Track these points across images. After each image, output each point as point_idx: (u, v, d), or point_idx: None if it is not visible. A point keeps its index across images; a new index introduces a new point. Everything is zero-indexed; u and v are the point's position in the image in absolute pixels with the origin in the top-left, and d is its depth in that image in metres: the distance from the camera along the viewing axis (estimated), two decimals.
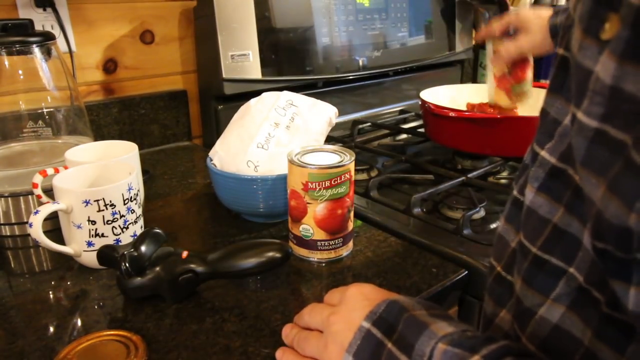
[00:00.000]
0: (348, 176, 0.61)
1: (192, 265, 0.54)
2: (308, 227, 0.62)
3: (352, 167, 0.62)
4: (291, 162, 0.61)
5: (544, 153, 0.35)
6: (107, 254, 0.54)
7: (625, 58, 0.25)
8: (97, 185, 0.64)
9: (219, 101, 1.04)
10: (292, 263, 0.64)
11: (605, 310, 0.30)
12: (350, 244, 0.66)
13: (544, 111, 0.36)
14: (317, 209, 0.61)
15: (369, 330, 0.38)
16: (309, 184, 0.60)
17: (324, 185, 0.60)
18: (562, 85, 0.34)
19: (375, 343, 0.37)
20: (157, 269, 0.54)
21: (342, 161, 0.61)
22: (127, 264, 0.52)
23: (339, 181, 0.60)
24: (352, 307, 0.40)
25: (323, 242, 0.63)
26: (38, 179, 0.65)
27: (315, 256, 0.63)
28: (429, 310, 0.38)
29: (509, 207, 0.40)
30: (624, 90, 0.25)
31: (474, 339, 0.34)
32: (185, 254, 0.55)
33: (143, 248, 0.53)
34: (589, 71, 0.28)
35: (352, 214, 0.64)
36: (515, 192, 0.40)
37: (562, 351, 0.33)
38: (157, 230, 0.55)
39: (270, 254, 0.56)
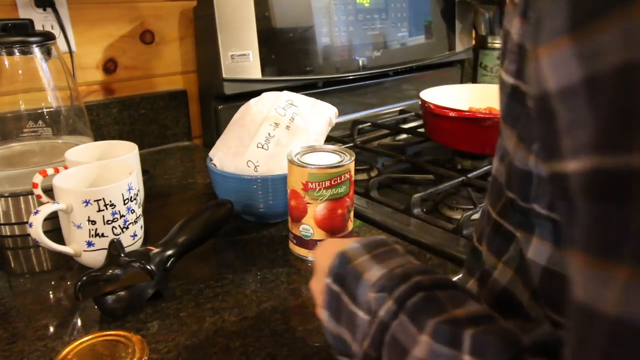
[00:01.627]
0: (348, 176, 0.61)
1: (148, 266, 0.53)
2: (308, 227, 0.62)
3: (352, 167, 0.62)
4: (291, 162, 0.61)
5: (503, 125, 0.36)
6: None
7: (524, 17, 0.28)
8: (97, 185, 0.64)
9: (219, 101, 1.04)
10: (293, 263, 0.64)
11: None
12: None
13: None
14: (317, 209, 0.61)
15: (328, 285, 0.38)
16: (309, 183, 0.60)
17: (324, 185, 0.60)
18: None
19: (335, 295, 0.38)
20: (125, 290, 0.52)
21: (342, 161, 0.61)
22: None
23: (338, 181, 0.60)
24: (320, 268, 0.41)
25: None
26: (38, 179, 0.65)
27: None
28: (371, 253, 0.38)
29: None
30: (525, 47, 0.28)
31: (392, 279, 0.34)
32: (136, 265, 0.53)
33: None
34: (507, 32, 0.31)
35: (352, 214, 0.64)
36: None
37: (506, 312, 0.33)
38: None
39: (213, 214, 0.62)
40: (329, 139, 0.98)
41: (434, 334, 0.29)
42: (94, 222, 0.59)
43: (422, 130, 1.11)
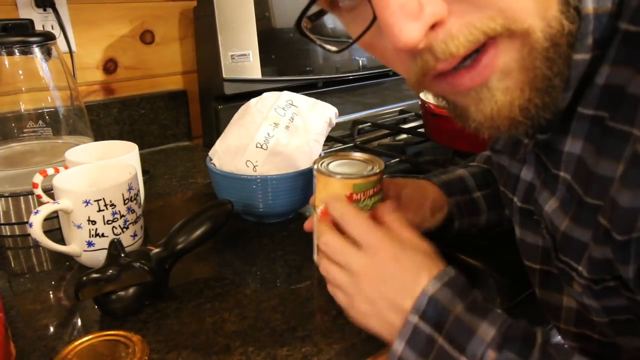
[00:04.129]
0: (381, 185, 0.56)
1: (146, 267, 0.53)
2: None
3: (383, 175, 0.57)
4: (328, 174, 0.53)
5: None
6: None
7: None
8: (97, 185, 0.64)
9: (219, 101, 1.04)
10: (292, 263, 0.64)
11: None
12: None
13: None
14: None
15: (417, 325, 0.41)
16: (354, 195, 0.53)
17: (368, 194, 0.54)
18: None
19: (429, 339, 0.41)
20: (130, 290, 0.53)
21: (373, 168, 0.55)
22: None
23: (379, 188, 0.55)
24: (381, 285, 0.44)
25: None
26: (38, 179, 0.65)
27: None
28: (464, 302, 0.41)
29: None
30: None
31: (508, 341, 0.38)
32: (136, 265, 0.53)
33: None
34: None
35: None
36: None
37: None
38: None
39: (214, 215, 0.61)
40: (329, 139, 0.98)
41: None
42: (94, 222, 0.59)
43: (422, 130, 1.11)
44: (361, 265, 0.45)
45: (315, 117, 0.74)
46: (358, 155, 0.58)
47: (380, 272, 0.44)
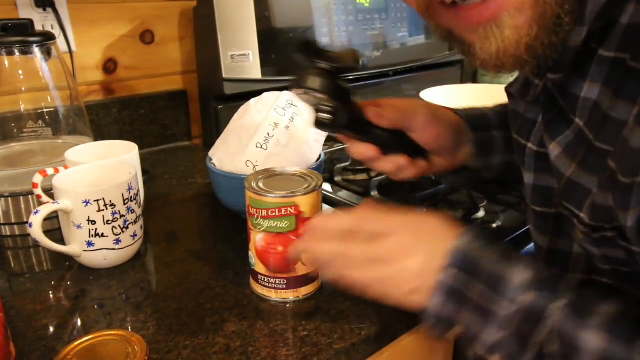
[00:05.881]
0: (293, 211, 0.52)
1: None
2: (251, 255, 0.56)
3: (303, 202, 0.52)
4: (246, 181, 0.54)
5: None
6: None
7: None
8: (97, 185, 0.64)
9: (219, 101, 1.04)
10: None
11: None
12: (302, 290, 0.56)
13: None
14: (257, 238, 0.54)
15: (449, 276, 0.41)
16: (250, 208, 0.53)
17: (261, 214, 0.52)
18: None
19: (461, 284, 0.41)
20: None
21: (292, 193, 0.52)
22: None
23: (277, 214, 0.52)
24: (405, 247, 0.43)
25: (263, 277, 0.55)
26: (38, 179, 0.65)
27: (257, 289, 0.57)
28: (491, 248, 0.42)
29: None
30: None
31: (540, 283, 0.39)
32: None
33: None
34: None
35: (305, 256, 0.53)
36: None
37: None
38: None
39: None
40: (329, 139, 0.98)
41: (607, 330, 0.35)
42: (94, 222, 0.59)
43: None
44: (392, 243, 0.44)
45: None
46: (309, 173, 0.57)
47: (409, 239, 0.44)
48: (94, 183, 0.65)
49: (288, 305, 0.55)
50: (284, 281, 0.55)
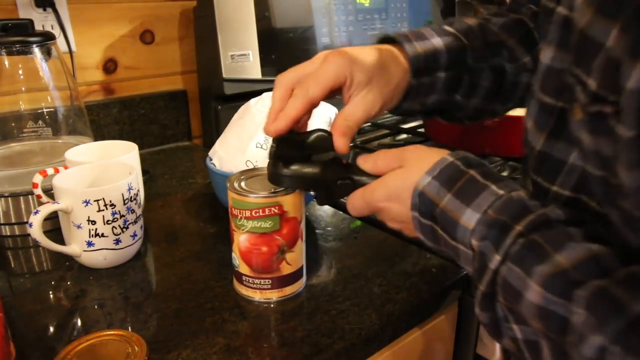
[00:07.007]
0: (277, 210, 0.52)
1: (354, 176, 0.50)
2: (235, 257, 0.56)
3: (287, 201, 0.52)
4: (228, 182, 0.55)
5: None
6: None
7: None
8: (97, 185, 0.64)
9: (219, 101, 1.04)
10: None
11: None
12: (287, 289, 0.56)
13: None
14: (241, 239, 0.54)
15: (417, 218, 0.45)
16: (233, 209, 0.54)
17: (244, 215, 0.52)
18: None
19: (429, 228, 0.44)
20: (316, 167, 0.50)
21: (275, 193, 0.52)
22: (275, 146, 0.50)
23: (261, 214, 0.52)
24: (393, 190, 0.47)
25: (248, 278, 0.56)
26: (38, 179, 0.65)
27: (241, 290, 0.57)
28: (452, 190, 0.43)
29: None
30: None
31: (491, 227, 0.39)
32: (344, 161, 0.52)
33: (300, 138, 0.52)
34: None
35: (290, 255, 0.55)
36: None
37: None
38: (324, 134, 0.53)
39: None
40: None
41: (545, 285, 0.34)
42: (94, 222, 0.59)
43: (422, 130, 1.11)
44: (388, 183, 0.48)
45: (315, 117, 0.73)
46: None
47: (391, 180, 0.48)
48: (94, 183, 0.65)
49: (287, 306, 0.55)
50: (268, 281, 0.55)
